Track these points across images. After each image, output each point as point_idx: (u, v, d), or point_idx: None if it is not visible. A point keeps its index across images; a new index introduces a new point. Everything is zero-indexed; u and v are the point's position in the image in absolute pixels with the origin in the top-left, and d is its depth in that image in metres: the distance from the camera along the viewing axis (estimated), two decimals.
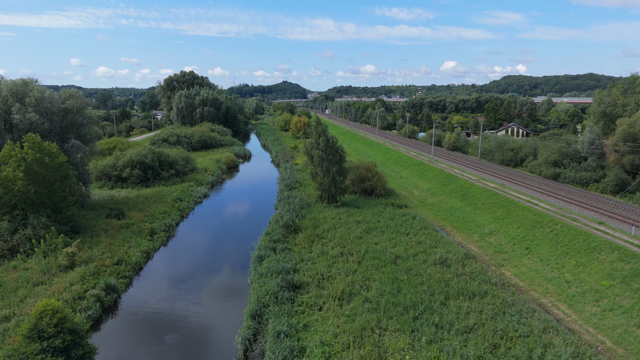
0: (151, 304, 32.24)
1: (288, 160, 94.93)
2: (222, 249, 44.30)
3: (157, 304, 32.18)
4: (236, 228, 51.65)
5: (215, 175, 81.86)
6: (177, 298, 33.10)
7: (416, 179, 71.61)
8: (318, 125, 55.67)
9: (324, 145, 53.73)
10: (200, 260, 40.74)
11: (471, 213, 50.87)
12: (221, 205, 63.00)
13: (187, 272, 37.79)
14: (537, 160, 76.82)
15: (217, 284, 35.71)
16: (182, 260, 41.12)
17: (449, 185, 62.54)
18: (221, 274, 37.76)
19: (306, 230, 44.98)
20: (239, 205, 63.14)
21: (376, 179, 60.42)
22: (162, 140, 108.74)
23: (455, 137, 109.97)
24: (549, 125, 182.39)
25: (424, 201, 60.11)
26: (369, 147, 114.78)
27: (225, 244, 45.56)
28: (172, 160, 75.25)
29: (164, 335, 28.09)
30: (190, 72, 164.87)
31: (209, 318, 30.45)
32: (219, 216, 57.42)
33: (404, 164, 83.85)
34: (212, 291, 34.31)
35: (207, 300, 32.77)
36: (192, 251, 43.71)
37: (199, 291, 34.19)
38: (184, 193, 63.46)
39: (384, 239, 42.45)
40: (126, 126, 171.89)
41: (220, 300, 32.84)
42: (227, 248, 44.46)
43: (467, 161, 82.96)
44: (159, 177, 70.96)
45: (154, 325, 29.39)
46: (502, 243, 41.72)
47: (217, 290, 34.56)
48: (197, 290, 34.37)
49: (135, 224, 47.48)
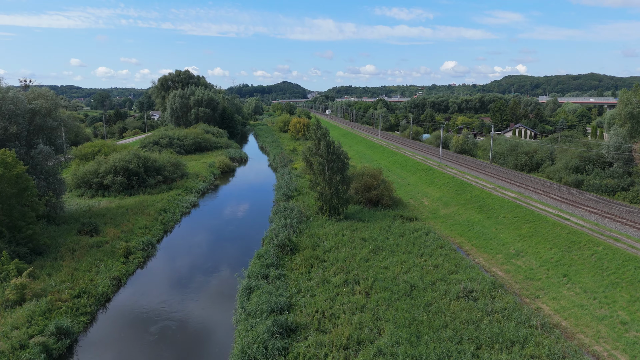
0: (111, 349, 26.30)
1: (286, 165, 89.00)
2: (206, 274, 38.25)
3: (120, 352, 26.24)
4: (225, 246, 45.66)
5: (207, 181, 75.91)
6: (143, 342, 27.13)
7: (425, 187, 65.61)
8: (318, 129, 49.73)
9: (325, 151, 47.78)
10: (179, 291, 34.63)
11: (492, 228, 44.89)
12: (210, 217, 57.00)
13: (160, 307, 31.63)
14: (555, 165, 70.91)
15: (195, 323, 29.49)
16: (157, 289, 35.07)
17: (463, 195, 56.55)
18: (201, 310, 31.48)
19: (304, 250, 39.03)
20: (230, 217, 57.15)
21: (382, 187, 54.46)
22: (153, 142, 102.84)
23: (463, 139, 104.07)
24: (557, 126, 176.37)
25: (435, 213, 54.15)
26: (371, 150, 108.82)
27: (211, 268, 39.51)
28: (160, 166, 69.27)
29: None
30: (186, 71, 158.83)
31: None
32: (206, 230, 51.40)
33: (410, 169, 77.87)
34: (188, 335, 28.23)
35: (182, 349, 26.77)
36: (171, 277, 37.69)
37: (174, 334, 28.16)
38: (170, 203, 57.47)
39: (395, 262, 36.52)
40: (119, 127, 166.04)
41: (197, 349, 26.82)
42: (212, 273, 38.41)
43: (478, 166, 77.02)
44: (144, 184, 64.98)
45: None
46: (533, 267, 35.76)
47: (194, 333, 28.44)
48: (171, 332, 28.31)
49: (110, 242, 41.51)
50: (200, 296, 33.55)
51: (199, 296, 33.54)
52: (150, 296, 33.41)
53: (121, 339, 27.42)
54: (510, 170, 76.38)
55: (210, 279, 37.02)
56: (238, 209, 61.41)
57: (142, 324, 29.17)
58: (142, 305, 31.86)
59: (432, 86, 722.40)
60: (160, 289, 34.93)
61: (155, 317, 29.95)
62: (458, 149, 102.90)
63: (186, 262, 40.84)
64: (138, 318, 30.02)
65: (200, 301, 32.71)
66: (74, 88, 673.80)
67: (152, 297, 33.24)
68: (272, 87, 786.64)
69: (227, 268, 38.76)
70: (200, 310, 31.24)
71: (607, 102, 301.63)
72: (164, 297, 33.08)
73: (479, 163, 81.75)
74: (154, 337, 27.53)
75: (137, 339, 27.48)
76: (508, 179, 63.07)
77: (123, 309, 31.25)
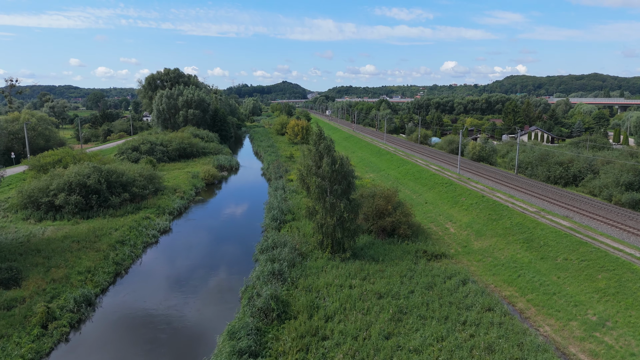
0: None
1: (281, 176, 77.48)
2: (159, 346, 26.71)
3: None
4: (191, 300, 34.03)
5: (187, 196, 64.31)
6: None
7: (448, 207, 54.04)
8: (320, 140, 38.03)
9: (328, 169, 36.18)
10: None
11: (551, 276, 33.36)
12: (180, 251, 45.18)
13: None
14: (599, 179, 59.48)
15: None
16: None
17: (499, 221, 45.01)
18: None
19: (298, 316, 27.53)
20: (205, 251, 45.44)
21: (399, 213, 42.93)
22: (132, 149, 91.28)
23: (480, 145, 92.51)
24: (573, 128, 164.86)
25: (467, 245, 42.64)
26: (377, 157, 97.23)
27: (161, 345, 27.84)
28: (127, 181, 57.61)
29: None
30: (175, 70, 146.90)
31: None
32: (171, 274, 39.09)
33: (426, 183, 66.30)
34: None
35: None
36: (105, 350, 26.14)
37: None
38: (132, 231, 45.85)
39: (428, 337, 25.06)
40: (104, 130, 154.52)
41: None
42: (165, 346, 26.84)
43: (504, 178, 65.57)
44: (106, 203, 53.42)
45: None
46: (631, 345, 24.29)
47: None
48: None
49: (28, 300, 30.00)
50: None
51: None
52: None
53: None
54: (542, 183, 64.92)
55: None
56: (218, 237, 49.81)
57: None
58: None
59: (433, 86, 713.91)
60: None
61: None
62: (475, 156, 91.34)
63: (131, 333, 28.94)
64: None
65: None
66: (71, 88, 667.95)
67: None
68: (271, 87, 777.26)
69: (184, 349, 27.14)
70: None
71: (617, 103, 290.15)
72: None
73: (504, 174, 70.21)
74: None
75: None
76: (548, 198, 51.56)
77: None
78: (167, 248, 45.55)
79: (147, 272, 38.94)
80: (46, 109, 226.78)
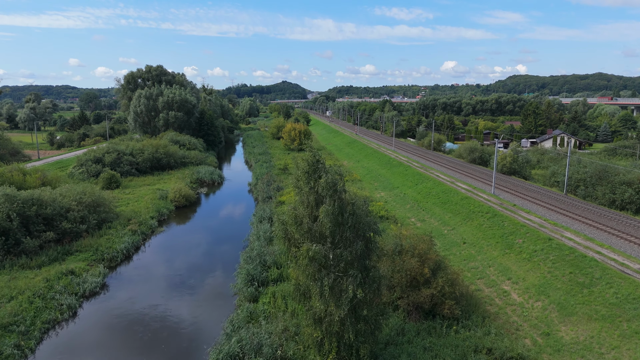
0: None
1: (270, 196, 62.05)
2: None
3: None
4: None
5: (143, 229, 48.63)
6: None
7: (499, 253, 38.41)
8: (317, 171, 22.35)
9: (330, 225, 20.62)
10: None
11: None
12: (107, 332, 29.88)
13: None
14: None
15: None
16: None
17: (591, 288, 29.45)
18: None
19: None
20: (146, 328, 30.11)
21: (442, 279, 27.43)
22: (95, 160, 75.81)
23: (512, 154, 77.05)
24: (599, 132, 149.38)
25: (549, 333, 27.10)
26: (388, 169, 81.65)
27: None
28: (56, 213, 42.05)
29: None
30: (158, 67, 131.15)
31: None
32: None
33: (458, 210, 50.71)
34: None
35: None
36: None
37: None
38: (34, 302, 30.37)
39: None
40: (79, 135, 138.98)
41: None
42: None
43: (556, 202, 50.40)
44: (17, 248, 37.99)
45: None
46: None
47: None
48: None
49: None
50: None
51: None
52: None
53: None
54: (608, 210, 49.45)
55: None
56: (169, 303, 34.34)
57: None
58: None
59: (435, 86, 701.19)
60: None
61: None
62: (505, 168, 75.87)
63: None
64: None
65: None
66: (69, 88, 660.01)
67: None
68: (271, 87, 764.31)
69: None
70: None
71: (632, 103, 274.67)
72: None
73: (551, 195, 54.73)
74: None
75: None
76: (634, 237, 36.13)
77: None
78: (88, 324, 30.06)
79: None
80: (27, 110, 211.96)
